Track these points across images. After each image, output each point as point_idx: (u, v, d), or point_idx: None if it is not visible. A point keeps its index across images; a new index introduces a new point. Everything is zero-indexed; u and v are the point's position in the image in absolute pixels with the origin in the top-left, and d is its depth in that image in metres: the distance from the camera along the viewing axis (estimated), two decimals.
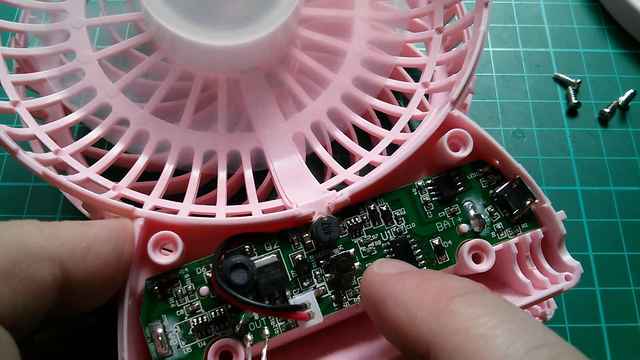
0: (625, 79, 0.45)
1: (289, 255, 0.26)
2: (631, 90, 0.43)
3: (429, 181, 0.28)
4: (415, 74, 0.40)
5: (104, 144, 0.33)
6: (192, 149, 0.31)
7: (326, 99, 0.33)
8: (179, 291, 0.25)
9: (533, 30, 0.46)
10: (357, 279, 0.26)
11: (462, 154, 0.27)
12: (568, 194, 0.40)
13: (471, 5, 0.32)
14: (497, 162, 0.28)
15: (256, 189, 0.31)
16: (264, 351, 0.24)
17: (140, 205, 0.28)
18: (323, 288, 0.26)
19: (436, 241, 0.27)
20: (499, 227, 0.28)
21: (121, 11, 0.34)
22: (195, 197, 0.30)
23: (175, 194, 0.32)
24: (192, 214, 0.28)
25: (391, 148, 0.31)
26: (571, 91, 0.43)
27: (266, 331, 0.25)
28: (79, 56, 0.32)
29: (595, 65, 0.45)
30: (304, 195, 0.28)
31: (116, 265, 0.23)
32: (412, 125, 0.38)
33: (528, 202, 0.27)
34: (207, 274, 0.25)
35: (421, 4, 0.36)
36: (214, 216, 0.29)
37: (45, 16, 0.39)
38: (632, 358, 0.36)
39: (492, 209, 0.28)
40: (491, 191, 0.28)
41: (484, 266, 0.26)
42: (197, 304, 0.25)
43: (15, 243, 0.20)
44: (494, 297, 0.20)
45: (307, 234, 0.26)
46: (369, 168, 0.30)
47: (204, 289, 0.25)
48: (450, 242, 0.27)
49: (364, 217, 0.27)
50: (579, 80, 0.44)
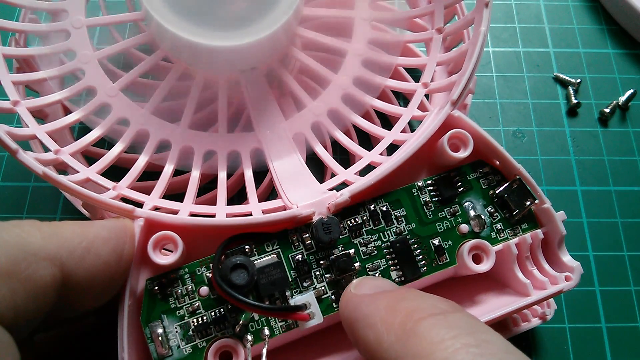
0: (625, 79, 0.45)
1: (289, 255, 0.26)
2: (631, 90, 0.43)
3: (429, 181, 0.28)
4: (415, 74, 0.40)
5: (104, 143, 0.33)
6: (192, 149, 0.31)
7: (326, 99, 0.33)
8: (179, 291, 0.25)
9: (533, 30, 0.46)
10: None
11: (463, 154, 0.27)
12: (568, 194, 0.40)
13: (471, 5, 0.32)
14: (497, 162, 0.28)
15: (256, 189, 0.31)
16: (264, 351, 0.24)
17: (140, 205, 0.28)
18: (323, 288, 0.26)
19: (436, 241, 0.27)
20: (499, 227, 0.28)
21: (121, 11, 0.34)
22: (195, 197, 0.30)
23: (175, 193, 0.32)
24: (192, 214, 0.29)
25: (391, 148, 0.31)
26: (571, 91, 0.43)
27: (266, 331, 0.25)
28: (79, 56, 0.32)
29: (595, 65, 0.45)
30: (304, 196, 0.28)
31: (116, 265, 0.23)
32: (412, 126, 0.38)
33: (528, 203, 0.27)
34: (207, 274, 0.25)
35: (421, 4, 0.36)
36: (214, 216, 0.29)
37: (46, 16, 0.39)
38: (632, 358, 0.36)
39: (492, 210, 0.28)
40: (491, 192, 0.28)
41: (484, 266, 0.26)
42: (197, 304, 0.25)
43: (15, 243, 0.20)
44: (462, 318, 0.19)
45: (307, 234, 0.26)
46: (369, 168, 0.30)
47: (204, 289, 0.25)
48: (450, 242, 0.27)
49: (364, 218, 0.27)
50: (579, 80, 0.44)
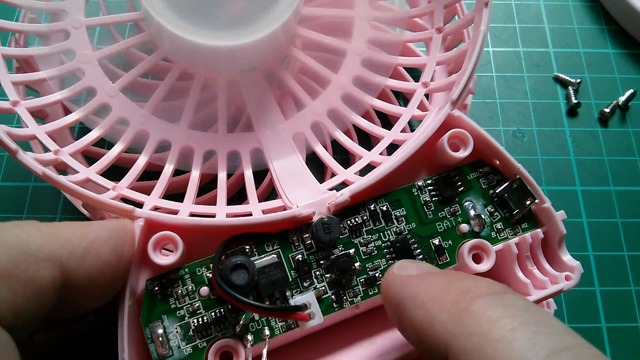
0: (625, 79, 0.45)
1: (289, 255, 0.26)
2: (631, 90, 0.43)
3: (429, 181, 0.28)
4: (415, 74, 0.40)
5: (105, 143, 0.33)
6: (192, 149, 0.31)
7: (326, 99, 0.33)
8: (180, 291, 0.25)
9: (533, 30, 0.46)
10: (358, 279, 0.26)
11: (462, 154, 0.27)
12: (568, 194, 0.40)
13: (471, 5, 0.32)
14: (497, 162, 0.28)
15: (256, 189, 0.31)
16: (265, 351, 0.24)
17: (140, 205, 0.28)
18: (323, 288, 0.26)
19: (436, 241, 0.27)
20: (499, 227, 0.28)
21: (121, 11, 0.34)
22: (195, 197, 0.30)
23: (175, 193, 0.32)
24: (192, 214, 0.28)
25: (391, 148, 0.31)
26: (571, 91, 0.43)
27: (267, 331, 0.25)
28: (79, 56, 0.32)
29: (595, 65, 0.45)
30: (304, 196, 0.28)
31: (116, 265, 0.23)
32: (412, 126, 0.38)
33: (528, 202, 0.27)
34: (208, 274, 0.25)
35: (421, 3, 0.36)
36: (214, 216, 0.29)
37: (46, 15, 0.39)
38: (632, 358, 0.36)
39: (492, 209, 0.28)
40: (491, 191, 0.28)
41: (484, 266, 0.26)
42: (197, 305, 0.25)
43: (15, 244, 0.20)
44: (515, 298, 0.19)
45: (307, 234, 0.26)
46: (369, 168, 0.30)
47: (204, 290, 0.25)
48: (450, 242, 0.27)
49: (364, 217, 0.27)
50: (579, 80, 0.44)
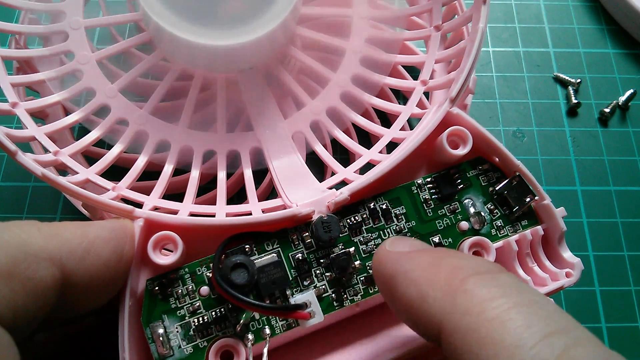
0: (625, 79, 0.45)
1: (289, 254, 0.26)
2: (631, 90, 0.43)
3: (428, 179, 0.28)
4: (415, 74, 0.40)
5: (105, 143, 0.33)
6: (191, 149, 0.31)
7: (325, 97, 0.33)
8: (180, 291, 0.25)
9: (533, 30, 0.46)
10: (358, 277, 0.26)
11: (462, 151, 0.27)
12: (568, 194, 0.40)
13: (470, 3, 0.32)
14: (497, 159, 0.28)
15: (256, 188, 0.31)
16: (265, 351, 0.24)
17: (140, 205, 0.28)
18: (323, 287, 0.26)
19: (436, 239, 0.27)
20: (499, 224, 0.28)
21: (122, 11, 0.34)
22: (195, 197, 0.30)
23: (175, 193, 0.32)
24: (192, 214, 0.28)
25: (390, 146, 0.31)
26: (571, 91, 0.43)
27: (267, 330, 0.25)
28: (78, 57, 0.32)
29: (595, 65, 0.45)
30: (303, 195, 0.28)
31: (116, 266, 0.23)
32: (411, 124, 0.38)
33: (528, 199, 0.27)
34: (208, 273, 0.25)
35: (420, 2, 0.36)
36: (214, 216, 0.29)
37: (46, 16, 0.39)
38: (632, 358, 0.36)
39: (492, 207, 0.28)
40: (491, 188, 0.28)
41: None
42: (197, 304, 0.25)
43: (16, 244, 0.20)
44: (509, 277, 0.19)
45: (307, 233, 0.26)
46: (368, 166, 0.30)
47: (204, 289, 0.25)
48: (450, 239, 0.27)
49: (364, 216, 0.27)
50: (579, 80, 0.44)
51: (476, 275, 0.19)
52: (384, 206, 0.27)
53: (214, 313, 0.25)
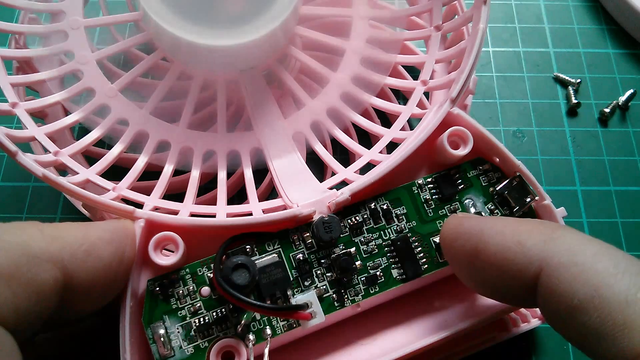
0: (625, 79, 0.44)
1: (290, 254, 0.26)
2: (631, 90, 0.43)
3: (429, 179, 0.28)
4: (415, 74, 0.40)
5: (105, 143, 0.33)
6: (191, 149, 0.31)
7: (325, 97, 0.33)
8: (181, 292, 0.25)
9: (533, 30, 0.46)
10: (359, 277, 0.26)
11: (462, 151, 0.27)
12: (568, 194, 0.40)
13: (470, 4, 0.32)
14: (497, 159, 0.28)
15: (256, 188, 0.31)
16: (266, 351, 0.24)
17: (140, 205, 0.28)
18: (324, 287, 0.26)
19: (437, 239, 0.27)
20: None
21: (122, 11, 0.34)
22: (195, 198, 0.30)
23: (175, 193, 0.32)
24: (193, 215, 0.28)
25: (391, 147, 0.31)
26: (571, 91, 0.43)
27: (268, 331, 0.25)
28: (78, 57, 0.32)
29: (595, 65, 0.45)
30: (304, 195, 0.28)
31: (117, 267, 0.23)
32: (411, 124, 0.38)
33: (528, 200, 0.27)
34: (209, 274, 0.25)
35: (421, 2, 0.36)
36: (214, 216, 0.29)
37: (46, 16, 0.39)
38: None
39: (492, 207, 0.28)
40: (491, 189, 0.28)
41: None
42: (198, 305, 0.25)
43: (17, 245, 0.20)
44: (580, 232, 0.22)
45: (308, 234, 0.26)
46: (369, 167, 0.30)
47: (205, 290, 0.25)
48: None
49: (365, 216, 0.27)
50: (579, 80, 0.44)
51: (563, 228, 0.22)
52: (384, 206, 0.27)
53: (215, 313, 0.25)
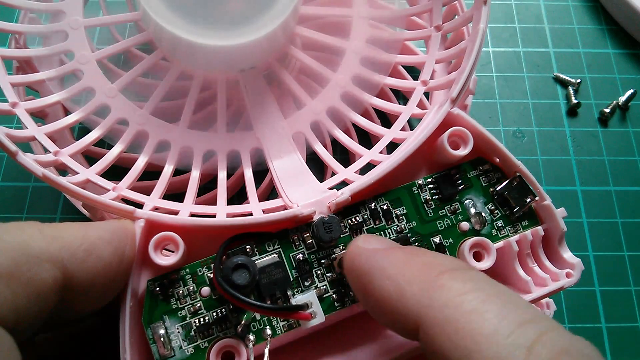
0: (625, 79, 0.45)
1: (290, 254, 0.26)
2: (631, 90, 0.43)
3: (429, 179, 0.28)
4: (416, 74, 0.40)
5: (105, 143, 0.33)
6: (191, 149, 0.31)
7: (325, 97, 0.33)
8: (181, 292, 0.25)
9: (533, 30, 0.46)
10: None
11: (462, 152, 0.27)
12: (568, 194, 0.40)
13: (471, 4, 0.32)
14: (497, 159, 0.28)
15: (256, 188, 0.31)
16: (266, 351, 0.24)
17: (140, 205, 0.28)
18: (325, 287, 0.26)
19: (437, 239, 0.27)
20: (500, 224, 0.28)
21: (122, 11, 0.34)
22: (195, 197, 0.30)
23: (175, 193, 0.32)
24: (193, 215, 0.28)
25: (391, 147, 0.31)
26: (571, 91, 0.43)
27: (268, 331, 0.25)
28: (77, 57, 0.32)
29: (595, 65, 0.45)
30: (304, 195, 0.28)
31: (117, 267, 0.23)
32: (411, 124, 0.38)
33: (528, 200, 0.27)
34: (209, 274, 0.25)
35: (421, 2, 0.36)
36: (214, 216, 0.29)
37: (46, 15, 0.39)
38: (632, 358, 0.36)
39: (492, 207, 0.28)
40: (491, 189, 0.28)
41: (485, 264, 0.26)
42: (198, 305, 0.25)
43: (17, 245, 0.20)
44: (478, 274, 0.20)
45: (308, 234, 0.26)
46: (369, 167, 0.30)
47: (205, 290, 0.25)
48: (451, 240, 0.27)
49: (365, 216, 0.27)
50: (579, 80, 0.44)
51: (449, 271, 0.20)
52: (384, 207, 0.27)
53: (215, 314, 0.25)
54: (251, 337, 0.24)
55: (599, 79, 0.44)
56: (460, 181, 0.28)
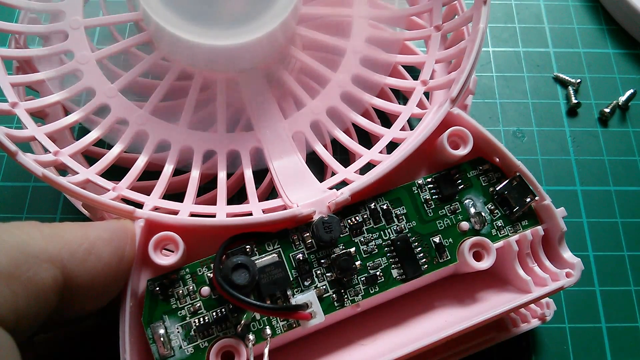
0: (625, 79, 0.44)
1: (290, 254, 0.26)
2: (631, 90, 0.43)
3: (429, 179, 0.28)
4: (415, 74, 0.40)
5: (105, 143, 0.33)
6: (191, 149, 0.31)
7: (325, 97, 0.33)
8: (181, 292, 0.25)
9: (533, 30, 0.46)
10: (358, 278, 0.26)
11: (462, 151, 0.27)
12: (568, 194, 0.40)
13: (471, 4, 0.32)
14: (497, 159, 0.28)
15: (256, 188, 0.31)
16: (266, 351, 0.24)
17: (140, 205, 0.28)
18: (324, 287, 0.26)
19: (437, 239, 0.27)
20: (500, 224, 0.28)
21: (122, 11, 0.34)
22: (195, 197, 0.30)
23: (175, 193, 0.32)
24: (193, 214, 0.28)
25: (391, 147, 0.31)
26: (571, 91, 0.43)
27: (268, 331, 0.25)
28: (77, 57, 0.32)
29: (595, 65, 0.45)
30: (304, 195, 0.28)
31: (117, 266, 0.23)
32: (411, 124, 0.38)
33: (528, 200, 0.27)
34: (209, 274, 0.25)
35: (421, 2, 0.36)
36: (214, 216, 0.29)
37: (46, 15, 0.39)
38: (632, 358, 0.36)
39: (492, 207, 0.28)
40: (491, 189, 0.28)
41: (485, 264, 0.26)
42: (198, 305, 0.25)
43: (17, 245, 0.20)
44: None
45: (307, 234, 0.26)
46: (369, 167, 0.30)
47: (205, 290, 0.25)
48: (451, 240, 0.27)
49: (365, 216, 0.27)
50: (579, 80, 0.44)
51: None
52: (384, 206, 0.27)
53: (214, 313, 0.25)
54: (251, 337, 0.24)
55: (599, 79, 0.44)
56: (460, 181, 0.28)
